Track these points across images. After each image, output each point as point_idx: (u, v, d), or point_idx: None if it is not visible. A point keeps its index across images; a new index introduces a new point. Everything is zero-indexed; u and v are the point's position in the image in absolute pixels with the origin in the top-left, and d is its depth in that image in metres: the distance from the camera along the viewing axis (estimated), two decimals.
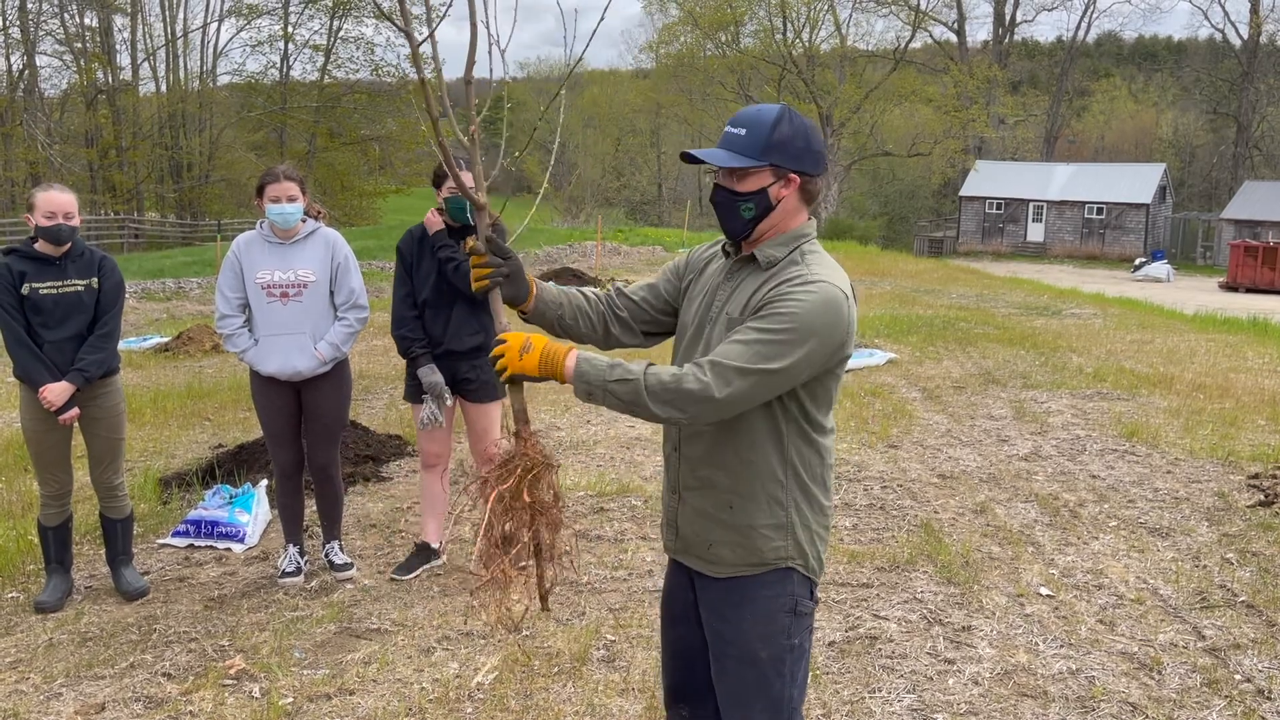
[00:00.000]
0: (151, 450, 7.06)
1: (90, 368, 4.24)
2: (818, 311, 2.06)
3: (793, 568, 2.22)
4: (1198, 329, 14.26)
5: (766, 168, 2.16)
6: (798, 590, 2.24)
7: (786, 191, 2.18)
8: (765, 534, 2.20)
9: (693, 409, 2.07)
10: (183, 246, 32.77)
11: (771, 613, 2.23)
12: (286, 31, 44.69)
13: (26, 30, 37.50)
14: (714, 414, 2.08)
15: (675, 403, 2.07)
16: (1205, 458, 6.77)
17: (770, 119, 2.16)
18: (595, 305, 2.42)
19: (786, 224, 2.22)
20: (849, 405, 8.28)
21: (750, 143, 2.16)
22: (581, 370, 2.12)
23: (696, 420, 2.10)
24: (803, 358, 2.06)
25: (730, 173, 2.19)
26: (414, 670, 3.80)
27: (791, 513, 2.21)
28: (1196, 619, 4.28)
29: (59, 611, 4.34)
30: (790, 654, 2.25)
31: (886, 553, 5.00)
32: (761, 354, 2.04)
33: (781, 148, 2.15)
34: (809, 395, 2.17)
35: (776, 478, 2.19)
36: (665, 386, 2.07)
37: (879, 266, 24.80)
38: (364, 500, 5.88)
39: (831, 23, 49.04)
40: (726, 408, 2.07)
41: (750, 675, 2.25)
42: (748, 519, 2.21)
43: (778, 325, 2.05)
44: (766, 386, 2.07)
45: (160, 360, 10.98)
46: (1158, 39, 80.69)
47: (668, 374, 2.08)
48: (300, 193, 4.39)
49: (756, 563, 2.22)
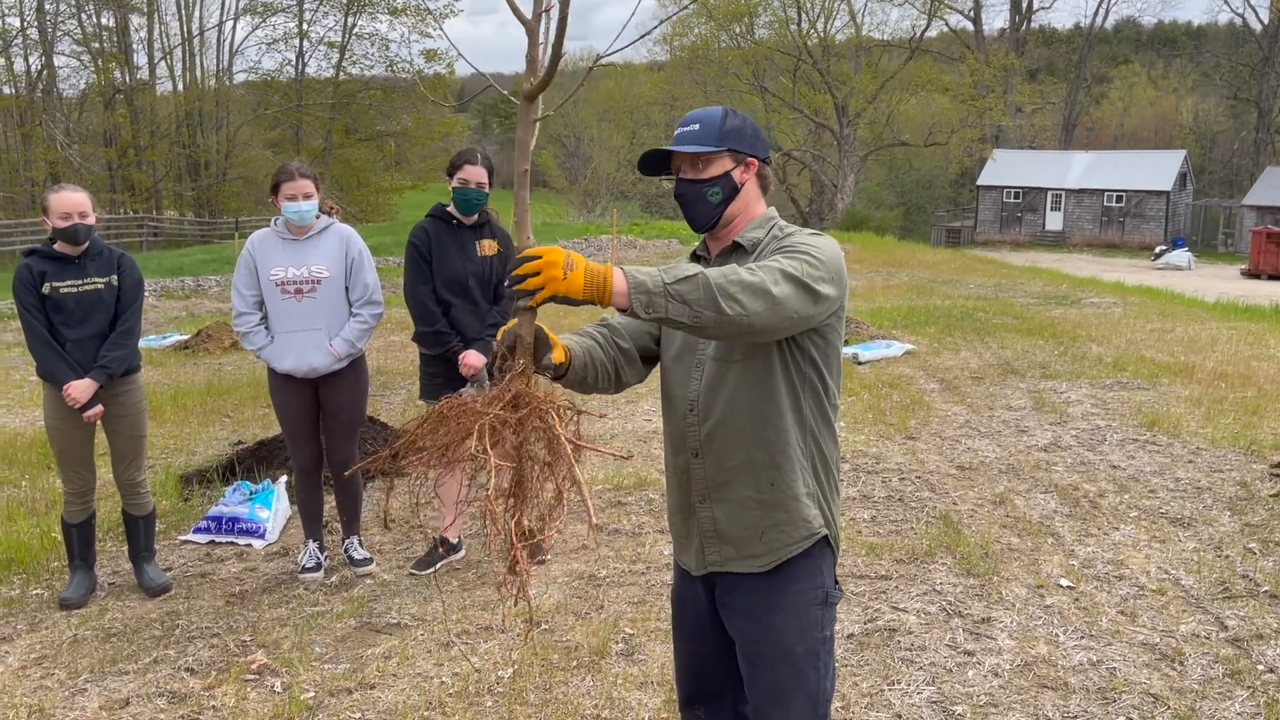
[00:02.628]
0: (172, 447, 7.12)
1: (113, 364, 4.27)
2: (832, 254, 2.13)
3: (827, 538, 2.25)
4: (1219, 317, 14.12)
5: (726, 153, 2.26)
6: (827, 579, 2.26)
7: (747, 176, 2.28)
8: (805, 503, 2.21)
9: (753, 303, 1.92)
10: (201, 244, 32.99)
11: (804, 606, 2.23)
12: (301, 29, 44.86)
13: (44, 31, 37.79)
14: (770, 314, 1.95)
15: (738, 296, 1.91)
16: (1227, 447, 6.71)
17: (719, 112, 2.28)
18: (606, 351, 2.32)
19: (752, 210, 2.30)
20: (866, 397, 8.25)
21: (706, 134, 2.26)
22: (638, 280, 1.90)
23: (746, 321, 1.93)
24: (831, 296, 2.09)
25: (692, 164, 2.27)
26: (434, 664, 3.82)
27: (815, 482, 2.24)
28: (1219, 609, 4.25)
29: (83, 608, 4.39)
30: (823, 646, 2.26)
31: (905, 544, 4.99)
32: (805, 271, 2.05)
33: (735, 134, 2.26)
34: (823, 358, 2.21)
35: (803, 444, 2.22)
36: (728, 279, 1.92)
37: (896, 257, 24.68)
38: (382, 496, 5.91)
39: (846, 12, 48.81)
40: (779, 310, 1.97)
41: (787, 672, 2.23)
42: (791, 490, 2.20)
43: (811, 253, 2.09)
44: (805, 306, 2.02)
45: (180, 358, 11.06)
46: (1177, 24, 79.95)
47: (717, 271, 1.96)
48: (315, 189, 4.41)
49: (805, 536, 2.22)
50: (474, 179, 4.50)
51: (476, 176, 4.51)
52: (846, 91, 46.48)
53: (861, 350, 10.08)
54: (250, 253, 4.46)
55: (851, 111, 46.10)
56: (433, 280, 4.57)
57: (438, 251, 4.55)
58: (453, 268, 4.54)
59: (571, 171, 58.47)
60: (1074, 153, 50.09)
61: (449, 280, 4.55)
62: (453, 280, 4.55)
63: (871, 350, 10.14)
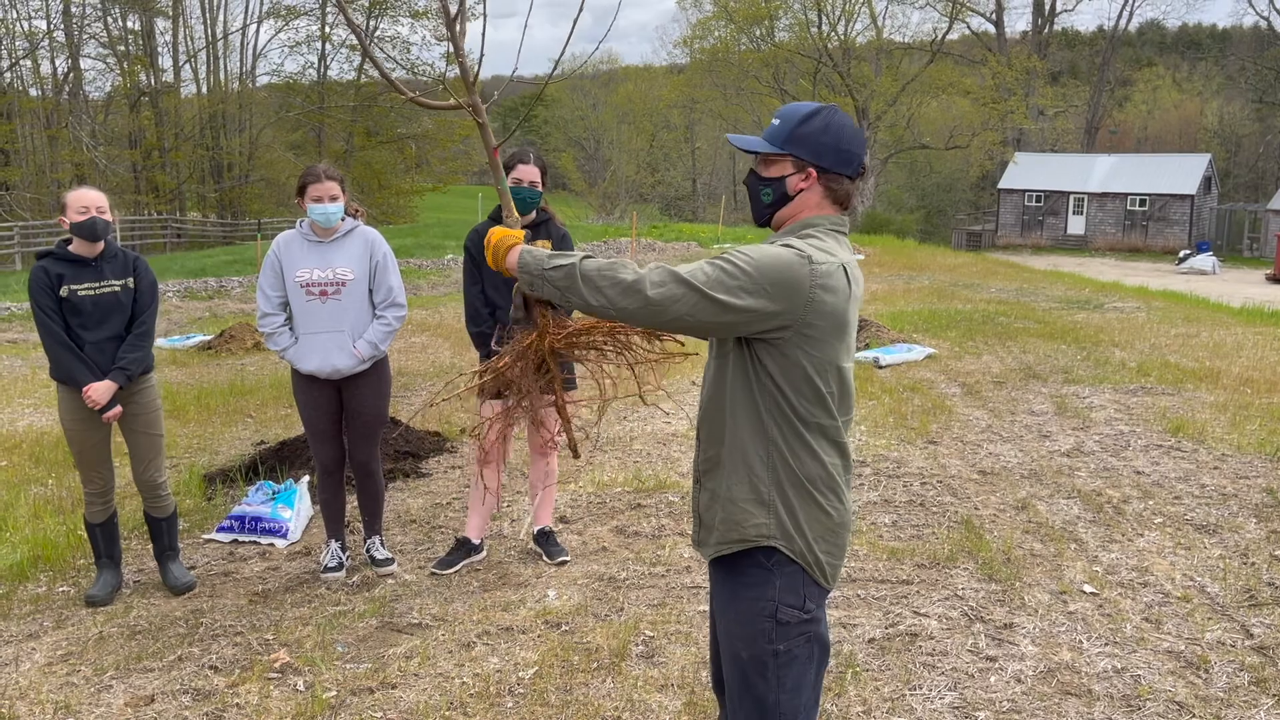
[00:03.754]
0: (196, 447, 7.18)
1: (131, 365, 4.31)
2: (777, 267, 2.05)
3: (776, 549, 2.17)
4: (1244, 322, 13.98)
5: (787, 157, 2.22)
6: (780, 595, 2.18)
7: (805, 185, 2.22)
8: (745, 508, 2.19)
9: (622, 300, 2.07)
10: (224, 245, 33.26)
11: (750, 615, 2.20)
12: (324, 31, 45.18)
13: (71, 34, 38.22)
14: (641, 311, 2.07)
15: (605, 289, 2.08)
16: (1253, 453, 6.65)
17: (803, 113, 2.22)
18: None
19: (804, 216, 2.24)
20: (887, 401, 8.22)
21: (778, 132, 2.23)
22: (524, 261, 2.21)
23: (623, 315, 2.09)
24: (749, 307, 2.04)
25: (763, 159, 2.26)
26: (455, 665, 3.84)
27: (774, 491, 2.17)
28: (1244, 617, 4.21)
29: (109, 605, 4.43)
30: (774, 659, 2.19)
31: (927, 549, 4.97)
32: (712, 279, 2.04)
33: (804, 140, 2.20)
34: (783, 376, 2.13)
35: (757, 453, 2.18)
36: (600, 272, 2.09)
37: (917, 260, 24.58)
38: (404, 496, 5.94)
39: (867, 15, 48.71)
40: (654, 310, 2.06)
41: (734, 672, 2.26)
42: (729, 491, 2.21)
43: (738, 262, 2.06)
44: (702, 312, 2.05)
45: (203, 358, 11.15)
46: (1201, 27, 79.21)
47: (606, 262, 2.11)
48: (341, 191, 4.44)
49: (736, 539, 2.20)
50: (527, 178, 4.51)
51: (529, 175, 4.51)
52: (867, 94, 46.36)
53: (882, 354, 10.05)
54: (276, 254, 4.49)
55: (872, 114, 45.96)
56: (482, 281, 4.59)
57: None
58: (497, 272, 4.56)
59: (591, 174, 58.55)
60: (1096, 156, 49.75)
61: (498, 281, 4.57)
62: (501, 281, 4.56)
63: (892, 354, 10.10)
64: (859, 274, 2.25)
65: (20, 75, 39.60)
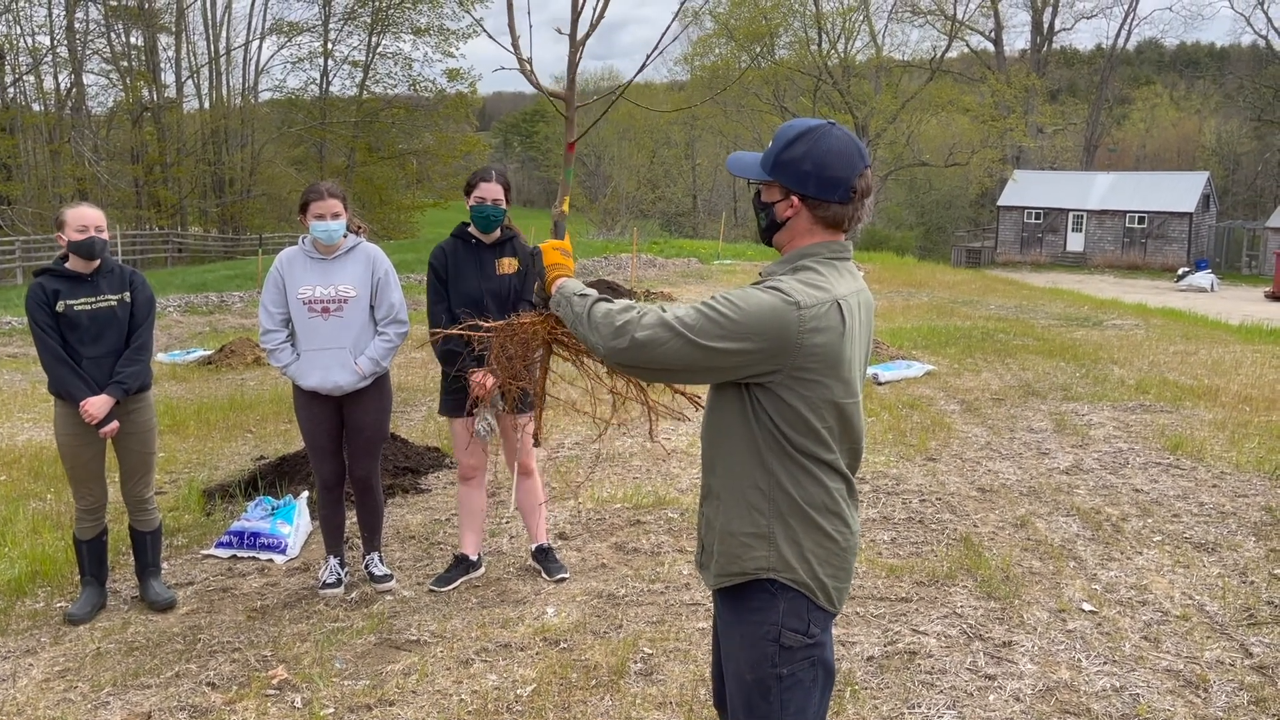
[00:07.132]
0: (195, 462, 7.18)
1: (129, 380, 4.33)
2: (761, 314, 2.02)
3: (776, 580, 2.16)
4: (1243, 340, 14.00)
5: (775, 183, 2.20)
6: (785, 620, 2.17)
7: (790, 212, 2.19)
8: (744, 541, 2.17)
9: (612, 340, 2.11)
10: (225, 260, 33.30)
11: (755, 639, 2.20)
12: (326, 48, 45.44)
13: (74, 49, 38.39)
14: (627, 352, 2.09)
15: (600, 329, 2.15)
16: (1252, 471, 6.65)
17: (788, 137, 2.17)
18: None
19: (797, 243, 2.21)
20: (886, 417, 8.23)
21: (767, 157, 2.21)
22: (561, 285, 2.39)
23: (612, 355, 2.12)
24: (735, 352, 2.03)
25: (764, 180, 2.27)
26: (453, 682, 3.83)
27: (774, 524, 2.15)
28: (1244, 636, 4.21)
29: (88, 624, 4.41)
30: (778, 683, 2.19)
31: (925, 567, 4.96)
32: (697, 325, 2.04)
33: (786, 168, 2.16)
34: (778, 414, 2.11)
35: (756, 485, 2.16)
36: (603, 311, 2.18)
37: (916, 277, 24.62)
38: (403, 512, 5.94)
39: (867, 33, 49.00)
40: (639, 352, 2.08)
41: (738, 692, 2.25)
42: (727, 524, 2.20)
43: (723, 308, 2.04)
44: (686, 357, 2.05)
45: (203, 373, 11.16)
46: (1200, 45, 79.65)
47: (618, 305, 2.16)
48: (343, 209, 4.46)
49: (736, 572, 2.19)
50: (490, 196, 4.53)
51: (492, 194, 4.53)
52: (867, 112, 46.55)
53: (881, 370, 10.06)
54: (279, 271, 4.51)
55: (872, 132, 46.14)
56: (448, 299, 4.60)
57: (454, 271, 4.58)
58: (468, 286, 4.56)
59: (591, 190, 58.71)
60: (1095, 173, 49.91)
61: (464, 299, 4.56)
62: (468, 299, 4.56)
63: (891, 370, 10.11)
64: (864, 301, 2.21)
65: (24, 90, 39.83)
